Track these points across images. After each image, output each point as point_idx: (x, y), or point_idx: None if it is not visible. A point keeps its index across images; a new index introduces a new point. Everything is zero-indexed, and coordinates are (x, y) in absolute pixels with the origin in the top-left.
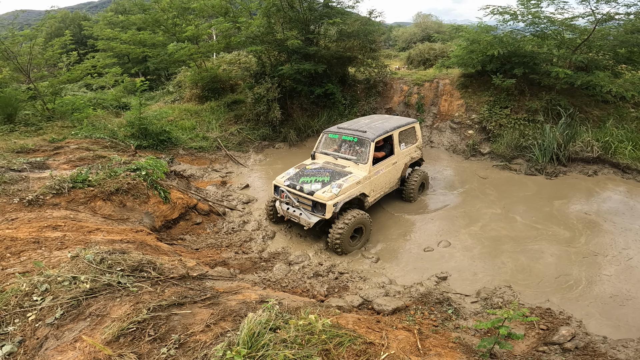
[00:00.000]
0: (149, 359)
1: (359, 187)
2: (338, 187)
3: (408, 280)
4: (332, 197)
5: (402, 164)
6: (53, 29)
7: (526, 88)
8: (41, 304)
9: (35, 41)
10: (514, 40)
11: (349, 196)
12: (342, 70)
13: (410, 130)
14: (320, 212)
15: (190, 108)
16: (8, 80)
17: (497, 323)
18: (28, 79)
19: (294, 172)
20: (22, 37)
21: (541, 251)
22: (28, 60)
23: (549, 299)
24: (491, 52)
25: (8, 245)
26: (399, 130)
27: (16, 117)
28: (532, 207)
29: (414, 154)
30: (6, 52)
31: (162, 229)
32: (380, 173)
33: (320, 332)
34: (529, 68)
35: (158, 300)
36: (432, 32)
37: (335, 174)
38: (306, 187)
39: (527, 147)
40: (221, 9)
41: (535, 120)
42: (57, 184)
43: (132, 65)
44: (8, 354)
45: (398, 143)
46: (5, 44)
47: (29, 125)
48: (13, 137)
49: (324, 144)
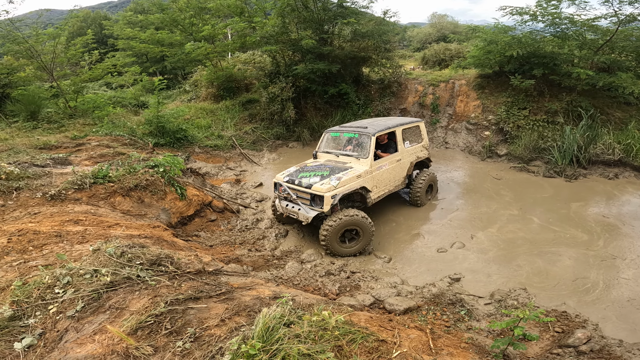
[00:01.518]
0: (165, 352)
1: (360, 180)
2: (337, 180)
3: (420, 281)
4: (331, 189)
5: (407, 162)
6: (75, 28)
7: (546, 89)
8: (63, 297)
9: (58, 40)
10: (534, 40)
11: (348, 189)
12: (356, 70)
13: (414, 129)
14: (319, 205)
15: (206, 107)
16: (32, 79)
17: (512, 323)
18: (51, 77)
19: (294, 169)
20: (46, 35)
21: (558, 254)
22: (51, 58)
23: (565, 302)
24: (510, 53)
25: (31, 239)
26: (402, 128)
27: (39, 114)
28: (549, 209)
29: (419, 153)
30: (30, 51)
31: (178, 225)
32: (384, 169)
33: (333, 329)
34: (549, 69)
35: (175, 294)
36: (448, 32)
37: (336, 169)
38: (304, 181)
39: (546, 149)
40: (237, 8)
41: (554, 122)
42: (79, 180)
43: (150, 65)
44: (28, 347)
45: (402, 140)
46: (29, 42)
47: (51, 122)
48: (36, 134)
49: (326, 143)
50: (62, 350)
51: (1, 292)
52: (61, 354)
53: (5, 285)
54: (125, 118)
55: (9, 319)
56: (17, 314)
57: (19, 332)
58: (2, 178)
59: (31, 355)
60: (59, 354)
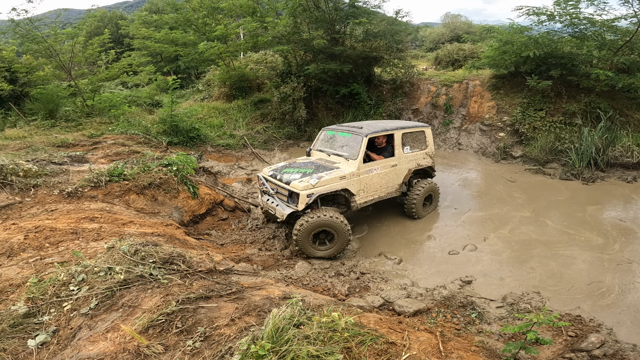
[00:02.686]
0: (175, 351)
1: (343, 182)
2: (317, 179)
3: (431, 283)
4: (308, 187)
5: (404, 169)
6: (92, 27)
7: (563, 90)
8: (77, 294)
9: (76, 39)
10: (551, 41)
11: (328, 189)
12: (367, 70)
13: (418, 135)
14: (295, 203)
15: (219, 106)
16: (50, 78)
17: (526, 327)
18: (69, 76)
19: (281, 165)
20: (65, 35)
21: (573, 257)
22: (69, 58)
23: (579, 306)
24: (526, 53)
25: (47, 236)
26: (402, 132)
27: (57, 113)
28: (565, 212)
29: (421, 160)
30: (49, 50)
31: (190, 223)
32: (374, 173)
33: (342, 330)
34: (566, 70)
35: (186, 293)
36: (462, 32)
37: (321, 168)
38: (285, 177)
39: (563, 151)
40: (249, 8)
41: (572, 124)
42: (95, 178)
43: (165, 64)
44: (41, 344)
45: (401, 145)
46: (48, 41)
47: (69, 120)
48: (54, 132)
49: (321, 142)
50: (75, 348)
51: (17, 288)
52: (74, 352)
53: (21, 282)
54: (140, 117)
55: (23, 315)
56: (32, 310)
57: (33, 329)
58: (20, 175)
59: (44, 353)
60: (72, 351)
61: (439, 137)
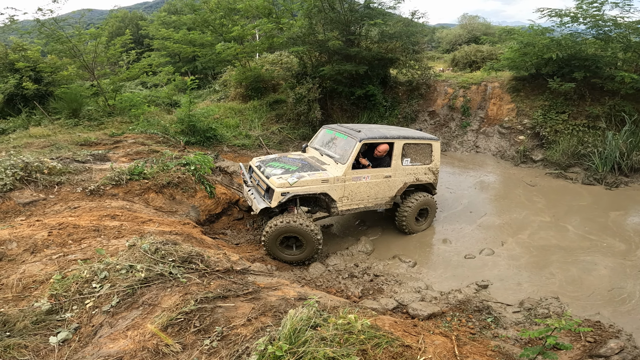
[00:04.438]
0: (193, 350)
1: (324, 186)
2: (297, 178)
3: (445, 287)
4: (284, 185)
5: (399, 182)
6: (114, 28)
7: (587, 92)
8: (99, 291)
9: (99, 40)
10: (574, 43)
11: (306, 191)
12: (383, 72)
13: (423, 147)
14: (269, 198)
15: (235, 107)
16: (73, 77)
17: (546, 332)
18: (92, 76)
19: (271, 157)
20: (88, 35)
21: (594, 263)
22: (93, 58)
23: (599, 312)
24: (548, 55)
25: (70, 232)
26: (404, 142)
27: (80, 112)
28: (586, 217)
29: (421, 175)
30: (73, 50)
31: (206, 222)
32: (362, 181)
33: (359, 332)
34: (590, 72)
35: (204, 292)
36: (479, 34)
37: (307, 167)
38: (268, 170)
39: (585, 155)
40: (265, 9)
41: (595, 127)
42: (116, 176)
43: (183, 64)
44: (63, 341)
45: (400, 156)
46: (72, 42)
47: (91, 120)
48: (77, 131)
49: (319, 139)
50: (96, 346)
51: (40, 285)
52: (94, 349)
53: (44, 279)
54: (158, 116)
55: (46, 312)
56: (55, 307)
57: (55, 325)
58: (45, 173)
59: (65, 350)
60: (93, 349)
61: (456, 139)
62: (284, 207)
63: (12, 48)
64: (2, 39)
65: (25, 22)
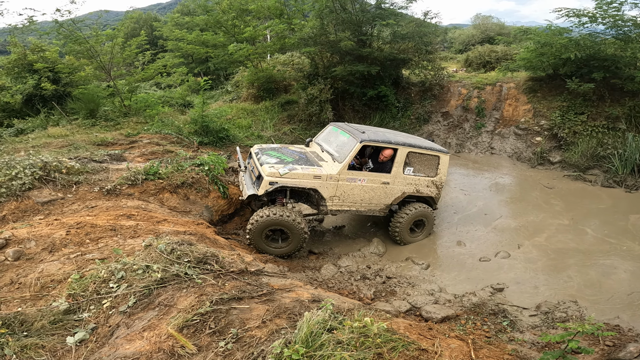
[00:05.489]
0: (208, 352)
1: (315, 182)
2: (288, 170)
3: (460, 290)
4: (274, 174)
5: (397, 190)
6: (129, 29)
7: (606, 93)
8: (116, 292)
9: (116, 41)
10: (593, 43)
11: (295, 184)
12: (395, 72)
13: (430, 159)
14: (258, 185)
15: (247, 107)
16: (90, 78)
17: (567, 336)
18: (108, 77)
19: (271, 146)
20: (105, 36)
21: (613, 266)
22: (109, 59)
23: (618, 316)
24: (566, 55)
25: (88, 232)
26: (409, 150)
27: (97, 112)
28: (605, 220)
29: (423, 187)
30: (90, 51)
31: (219, 222)
32: (356, 183)
33: (374, 336)
34: (610, 72)
35: (220, 294)
36: (493, 34)
37: (303, 160)
38: (263, 158)
39: (605, 156)
40: (276, 10)
41: (615, 128)
42: (132, 176)
43: (195, 65)
44: (80, 341)
45: (402, 163)
46: (90, 42)
47: (108, 120)
48: (94, 131)
49: (324, 136)
50: (112, 346)
51: (58, 284)
52: (111, 350)
53: (62, 278)
54: (172, 117)
55: (64, 312)
56: (72, 307)
57: (72, 325)
58: (63, 172)
59: (82, 350)
60: (109, 349)
61: (470, 140)
62: (272, 197)
63: (30, 49)
64: (21, 40)
65: (43, 23)
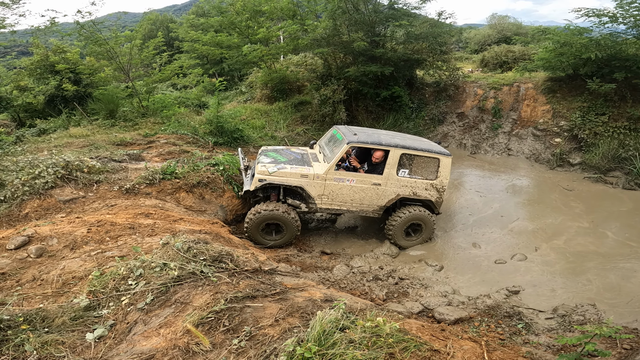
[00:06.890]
0: (222, 349)
1: (302, 180)
2: (277, 169)
3: (474, 292)
4: (264, 172)
5: (390, 192)
6: (146, 30)
7: (628, 94)
8: (135, 289)
9: (134, 42)
10: (614, 43)
11: (282, 182)
12: (409, 73)
13: (428, 161)
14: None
15: (261, 108)
16: (110, 79)
17: (584, 339)
18: (127, 78)
19: (275, 148)
20: (124, 38)
21: (634, 270)
22: (128, 60)
23: (637, 319)
24: (587, 55)
25: (108, 230)
26: (402, 152)
27: (117, 113)
28: (627, 223)
29: (420, 190)
30: (110, 52)
31: (233, 222)
32: (345, 183)
33: (386, 336)
34: (631, 72)
35: (234, 292)
36: (510, 34)
37: (296, 160)
38: (261, 158)
39: (627, 158)
40: (289, 11)
41: (637, 129)
42: (150, 175)
43: (210, 66)
44: (99, 338)
45: (395, 165)
46: (110, 44)
47: (127, 120)
48: (114, 131)
49: (326, 138)
50: (130, 343)
51: (79, 281)
52: (128, 347)
53: (83, 275)
54: (188, 117)
55: (84, 308)
56: (92, 304)
57: (92, 322)
58: (85, 171)
59: (101, 346)
60: (127, 346)
61: (486, 141)
62: (267, 194)
63: (52, 50)
64: (43, 41)
65: (65, 25)
